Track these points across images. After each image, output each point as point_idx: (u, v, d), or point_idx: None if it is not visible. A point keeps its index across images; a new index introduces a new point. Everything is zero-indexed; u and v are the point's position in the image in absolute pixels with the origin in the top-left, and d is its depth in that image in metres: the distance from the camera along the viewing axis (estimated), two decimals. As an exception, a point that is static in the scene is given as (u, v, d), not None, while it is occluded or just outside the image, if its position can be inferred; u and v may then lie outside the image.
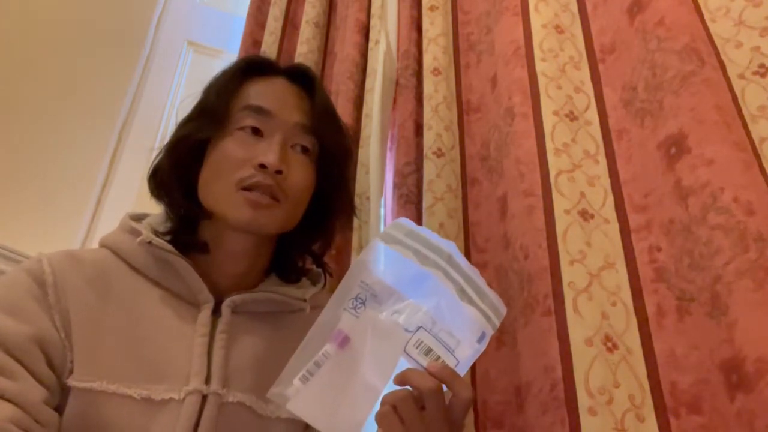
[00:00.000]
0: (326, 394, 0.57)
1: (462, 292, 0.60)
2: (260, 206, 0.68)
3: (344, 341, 0.58)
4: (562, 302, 0.75)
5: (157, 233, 0.72)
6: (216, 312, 0.71)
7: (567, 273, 0.77)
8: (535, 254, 0.81)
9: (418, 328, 0.58)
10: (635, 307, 0.74)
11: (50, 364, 0.61)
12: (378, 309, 0.59)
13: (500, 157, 0.98)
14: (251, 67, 0.78)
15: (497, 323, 0.61)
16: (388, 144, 1.19)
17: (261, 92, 0.75)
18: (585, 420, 0.67)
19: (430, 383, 0.55)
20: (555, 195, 0.83)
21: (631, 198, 0.80)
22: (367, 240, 1.07)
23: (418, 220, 1.03)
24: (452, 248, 0.61)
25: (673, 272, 0.71)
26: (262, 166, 0.68)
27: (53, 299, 0.64)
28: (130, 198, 1.65)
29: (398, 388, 0.57)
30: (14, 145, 1.59)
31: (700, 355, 0.66)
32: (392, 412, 0.56)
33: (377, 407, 0.58)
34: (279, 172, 0.69)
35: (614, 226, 0.80)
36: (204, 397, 0.64)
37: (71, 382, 0.61)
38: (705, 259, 0.66)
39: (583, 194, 0.83)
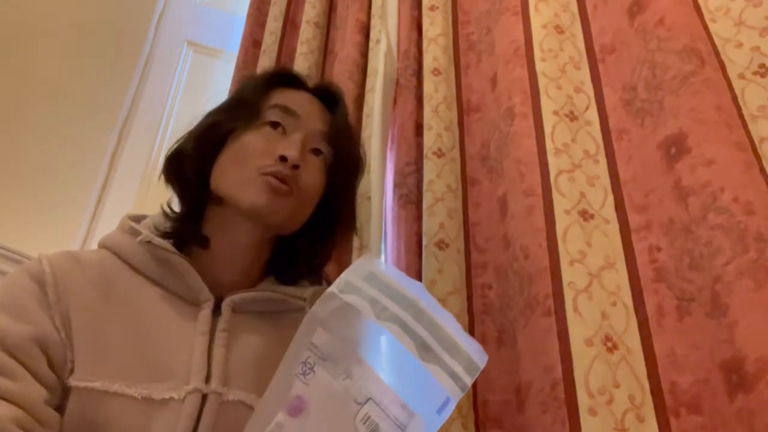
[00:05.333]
0: None
1: (425, 349, 0.53)
2: (279, 192, 0.71)
3: (297, 410, 0.52)
4: (562, 302, 0.75)
5: (157, 232, 0.72)
6: (216, 311, 0.71)
7: (567, 273, 0.77)
8: (535, 254, 0.81)
9: (368, 399, 0.52)
10: (635, 307, 0.74)
11: (51, 365, 0.61)
12: (330, 371, 0.53)
13: (500, 157, 0.98)
14: (283, 78, 0.84)
15: (468, 382, 0.53)
16: (389, 144, 1.19)
17: (289, 96, 0.80)
18: (585, 420, 0.67)
19: None
20: (555, 195, 0.83)
21: (631, 198, 0.80)
22: (367, 240, 1.07)
23: (419, 221, 1.03)
24: (419, 291, 0.55)
25: (673, 272, 0.71)
26: (283, 158, 0.71)
27: (53, 299, 0.64)
28: (130, 198, 1.65)
29: None
30: (14, 146, 1.59)
31: (700, 355, 0.66)
32: None
33: None
34: (296, 166, 0.72)
35: (614, 226, 0.80)
36: (204, 396, 0.64)
37: (72, 381, 0.61)
38: (705, 259, 0.66)
39: (583, 194, 0.83)
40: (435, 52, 1.17)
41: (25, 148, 1.60)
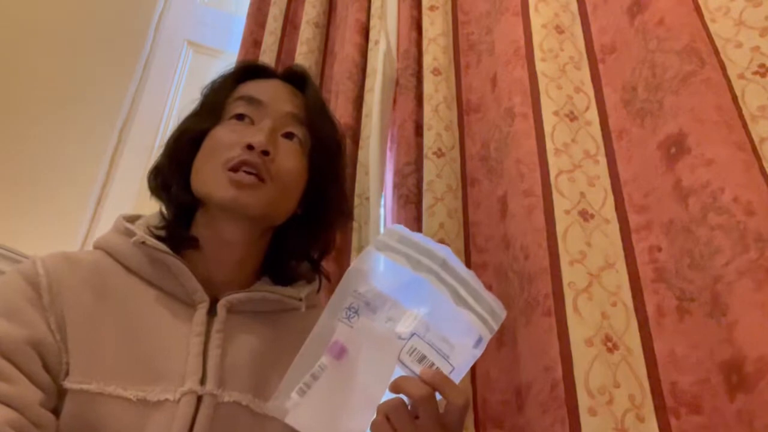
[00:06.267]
0: (325, 406, 0.57)
1: (457, 296, 0.59)
2: (243, 186, 0.69)
3: (340, 352, 0.58)
4: (562, 302, 0.75)
5: (151, 233, 0.72)
6: (212, 312, 0.70)
7: (567, 273, 0.77)
8: (535, 254, 0.81)
9: (412, 335, 0.57)
10: (635, 307, 0.74)
11: (46, 367, 0.61)
12: (372, 317, 0.59)
13: (500, 157, 0.98)
14: (248, 71, 0.82)
15: (495, 327, 0.59)
16: (388, 144, 1.19)
17: (253, 87, 0.79)
18: (585, 420, 0.67)
19: (421, 391, 0.54)
20: (555, 195, 0.83)
21: (631, 198, 0.80)
22: (366, 241, 1.07)
23: (419, 221, 1.03)
24: (447, 252, 0.60)
25: (673, 272, 0.71)
26: (250, 147, 0.70)
27: (47, 301, 0.64)
28: (130, 198, 1.65)
29: (395, 396, 0.56)
30: (14, 146, 1.59)
31: (700, 355, 0.66)
32: (385, 421, 0.55)
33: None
34: (266, 153, 0.70)
35: (614, 226, 0.80)
36: (199, 398, 0.64)
37: (67, 383, 0.61)
38: (705, 259, 0.66)
39: (583, 194, 0.83)
40: (435, 52, 1.17)
41: (24, 148, 1.60)
